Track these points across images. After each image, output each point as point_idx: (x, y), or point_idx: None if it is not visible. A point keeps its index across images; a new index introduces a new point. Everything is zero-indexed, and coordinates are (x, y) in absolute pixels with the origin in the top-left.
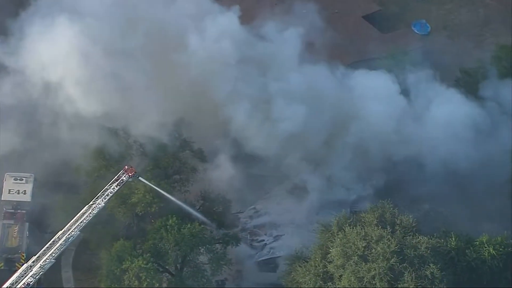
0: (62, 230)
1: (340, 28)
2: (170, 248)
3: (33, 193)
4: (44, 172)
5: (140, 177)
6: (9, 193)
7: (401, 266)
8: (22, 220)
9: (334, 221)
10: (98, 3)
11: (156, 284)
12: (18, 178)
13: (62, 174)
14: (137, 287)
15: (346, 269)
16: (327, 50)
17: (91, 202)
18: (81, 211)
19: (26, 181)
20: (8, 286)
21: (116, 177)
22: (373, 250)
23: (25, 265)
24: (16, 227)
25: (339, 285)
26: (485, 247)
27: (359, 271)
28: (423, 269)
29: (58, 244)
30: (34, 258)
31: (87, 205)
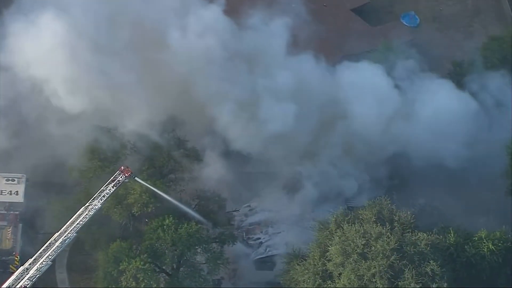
0: (59, 232)
1: (329, 22)
2: (167, 248)
3: (26, 194)
4: (36, 172)
5: (136, 178)
6: (1, 194)
7: (401, 264)
8: (16, 222)
9: (332, 219)
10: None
11: (154, 285)
12: (10, 179)
13: (54, 174)
14: None
15: (346, 267)
16: (316, 44)
17: (87, 204)
18: (78, 213)
19: (18, 182)
20: None
21: (113, 178)
22: (373, 248)
23: (21, 268)
24: (10, 229)
25: (339, 284)
26: (484, 243)
27: (359, 269)
28: (423, 266)
29: (55, 246)
30: (31, 261)
31: (83, 207)
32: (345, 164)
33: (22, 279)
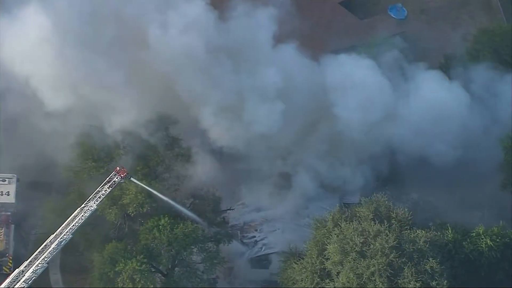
0: (54, 234)
1: (316, 15)
2: (163, 248)
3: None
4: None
5: (132, 178)
6: None
7: (400, 262)
8: (8, 223)
9: (329, 217)
10: None
11: (151, 285)
12: (1, 179)
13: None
14: None
15: (344, 266)
16: (304, 39)
17: (83, 205)
18: (73, 214)
19: (9, 182)
20: None
21: (108, 179)
22: (371, 246)
23: (17, 270)
24: (2, 230)
25: (338, 283)
26: (482, 239)
27: (358, 268)
28: (423, 264)
29: (51, 248)
30: (26, 263)
31: (79, 208)
32: (337, 160)
33: (18, 281)
